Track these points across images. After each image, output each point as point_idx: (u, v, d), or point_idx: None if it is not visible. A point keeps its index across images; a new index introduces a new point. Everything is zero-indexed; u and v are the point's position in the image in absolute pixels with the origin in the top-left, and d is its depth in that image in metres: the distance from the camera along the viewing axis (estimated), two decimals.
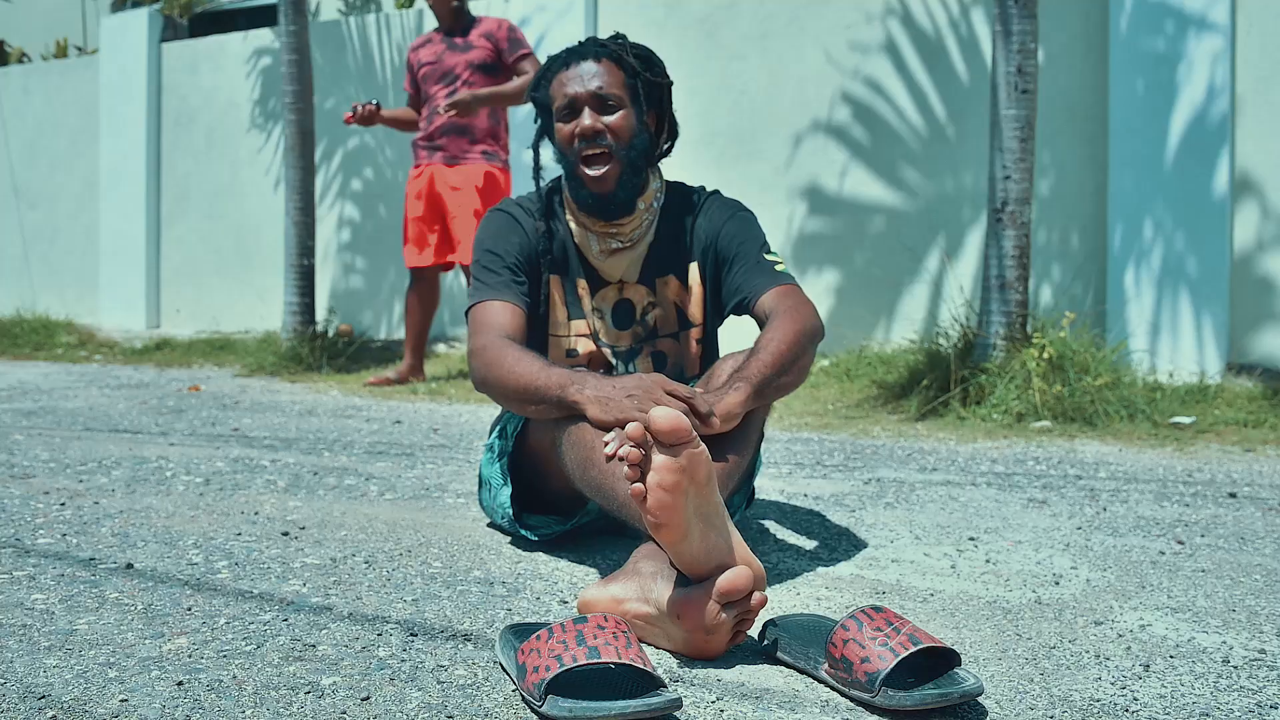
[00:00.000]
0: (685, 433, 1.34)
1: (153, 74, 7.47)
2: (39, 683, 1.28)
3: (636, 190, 2.01)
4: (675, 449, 1.35)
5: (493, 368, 1.84)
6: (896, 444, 3.40)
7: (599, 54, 1.98)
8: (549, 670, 1.17)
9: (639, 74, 2.00)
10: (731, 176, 5.32)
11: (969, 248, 4.92)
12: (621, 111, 1.98)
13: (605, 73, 1.97)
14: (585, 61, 1.98)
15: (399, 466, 2.89)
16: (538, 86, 2.05)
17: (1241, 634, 1.53)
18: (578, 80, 1.97)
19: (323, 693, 1.26)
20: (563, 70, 1.99)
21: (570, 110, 1.98)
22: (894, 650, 1.23)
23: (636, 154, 1.99)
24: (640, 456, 1.36)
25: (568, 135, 1.98)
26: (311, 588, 1.70)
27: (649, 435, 1.35)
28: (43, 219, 8.17)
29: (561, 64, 2.00)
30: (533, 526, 1.99)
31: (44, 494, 2.44)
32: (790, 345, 1.82)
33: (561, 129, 1.99)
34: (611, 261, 2.05)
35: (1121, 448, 3.31)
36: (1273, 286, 4.35)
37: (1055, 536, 2.14)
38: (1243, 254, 4.38)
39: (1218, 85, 4.28)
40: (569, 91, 1.97)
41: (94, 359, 6.47)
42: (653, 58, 2.04)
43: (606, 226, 2.02)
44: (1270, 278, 4.35)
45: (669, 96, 2.07)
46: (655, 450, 1.35)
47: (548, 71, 2.03)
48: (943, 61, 5.01)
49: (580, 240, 2.05)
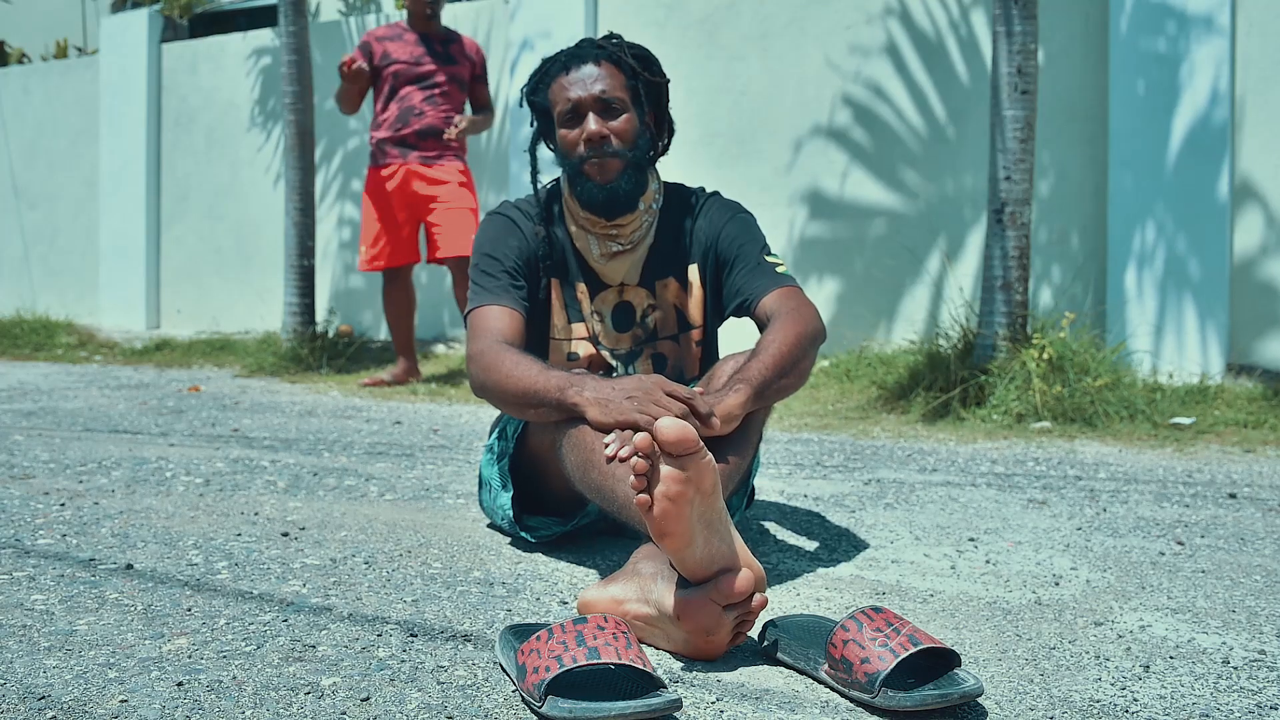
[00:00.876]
0: (692, 443, 1.34)
1: (153, 74, 7.47)
2: (39, 683, 1.28)
3: (640, 186, 2.01)
4: (682, 460, 1.34)
5: (491, 372, 1.83)
6: (896, 445, 3.40)
7: (598, 56, 1.97)
8: (549, 671, 1.17)
9: (639, 74, 2.00)
10: (731, 177, 5.32)
11: (969, 248, 4.92)
12: (625, 115, 1.97)
13: (607, 75, 1.96)
14: (586, 65, 1.97)
15: (399, 467, 2.89)
16: (535, 89, 2.04)
17: (1241, 635, 1.53)
18: (580, 84, 1.96)
19: (322, 693, 1.26)
20: (563, 74, 1.98)
21: (574, 115, 1.97)
22: (894, 651, 1.23)
23: (640, 154, 2.00)
24: (647, 467, 1.35)
25: (573, 141, 1.97)
26: (311, 588, 1.70)
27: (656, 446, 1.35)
28: (43, 219, 8.17)
29: (561, 67, 1.99)
30: (532, 528, 1.99)
31: (44, 494, 2.43)
32: (791, 347, 1.82)
33: (566, 134, 1.98)
34: (612, 265, 2.04)
35: (1121, 448, 3.31)
36: (1273, 288, 4.35)
37: (1055, 537, 2.14)
38: (1243, 255, 4.38)
39: (1218, 85, 4.28)
40: (572, 96, 1.96)
41: (94, 359, 6.47)
42: (650, 56, 2.04)
43: (607, 228, 2.02)
44: (1271, 279, 4.35)
45: (666, 95, 2.07)
46: (662, 461, 1.35)
47: (546, 74, 2.02)
48: (943, 62, 5.01)
49: (580, 244, 2.05)
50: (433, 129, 4.87)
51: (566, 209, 2.06)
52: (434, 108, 4.88)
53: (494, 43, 6.22)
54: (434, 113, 4.88)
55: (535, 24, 5.89)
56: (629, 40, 2.05)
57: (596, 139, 1.94)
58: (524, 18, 5.94)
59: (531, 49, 5.87)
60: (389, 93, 4.90)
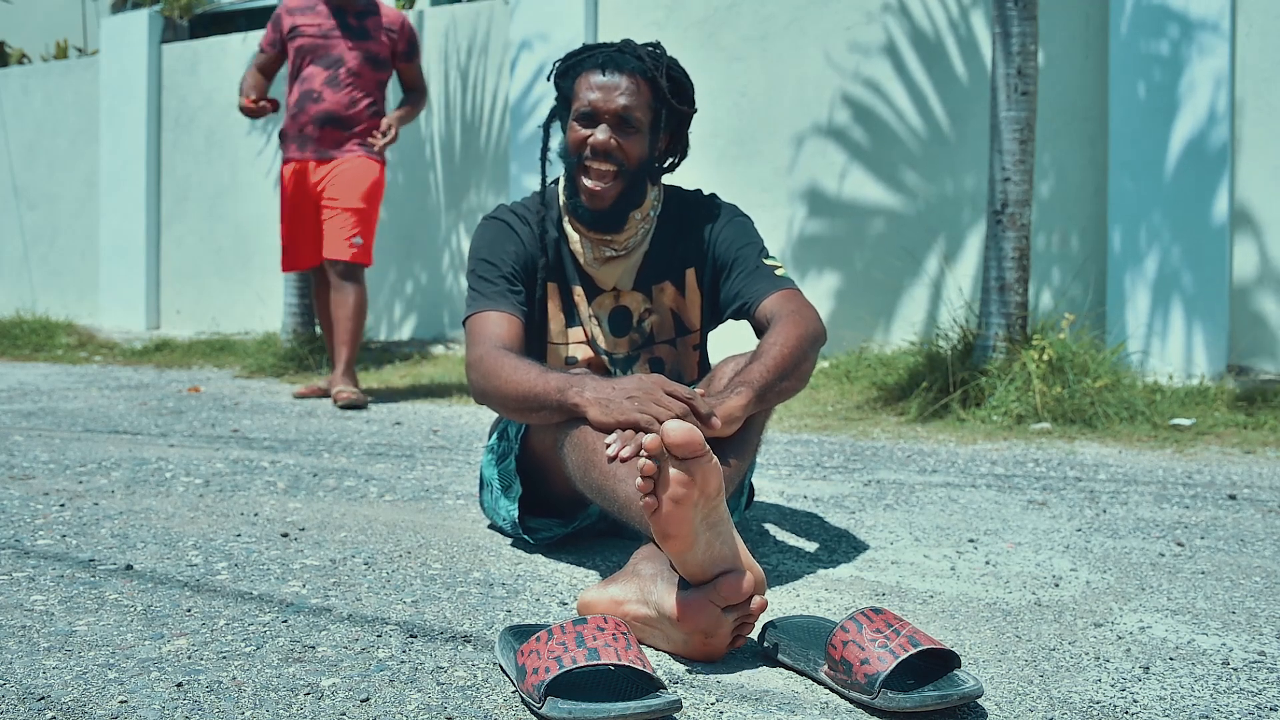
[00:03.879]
0: (699, 446, 1.33)
1: (153, 75, 7.47)
2: (38, 684, 1.28)
3: (631, 205, 1.99)
4: (688, 463, 1.34)
5: (491, 378, 1.83)
6: (896, 446, 3.40)
7: (635, 69, 1.94)
8: (549, 672, 1.17)
9: (667, 101, 1.98)
10: (731, 178, 5.32)
11: (969, 250, 4.92)
12: (638, 135, 1.95)
13: (635, 92, 1.93)
14: (620, 73, 1.93)
15: (399, 468, 2.89)
16: (565, 73, 1.99)
17: (1241, 636, 1.53)
18: (606, 91, 1.93)
19: (322, 694, 1.26)
20: (595, 72, 1.94)
21: (589, 118, 1.94)
22: (894, 652, 1.23)
23: (640, 175, 1.98)
24: (655, 470, 1.35)
25: (579, 140, 1.96)
26: (311, 589, 1.70)
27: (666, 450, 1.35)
28: (43, 220, 8.17)
29: (596, 65, 1.95)
30: (534, 530, 1.99)
31: (44, 495, 2.43)
32: (792, 350, 1.82)
33: (576, 131, 1.96)
34: (605, 270, 2.04)
35: (1121, 449, 3.31)
36: (1274, 289, 4.35)
37: (1055, 538, 2.14)
38: (1243, 257, 4.38)
39: (1218, 88, 4.28)
40: (593, 100, 1.93)
41: (94, 360, 6.47)
42: (685, 83, 2.01)
43: (600, 235, 2.02)
44: (1271, 281, 4.35)
45: (689, 123, 2.05)
46: (668, 463, 1.35)
47: (579, 63, 1.97)
48: (942, 63, 5.01)
49: (576, 247, 2.04)
50: (331, 116, 4.32)
51: (564, 211, 2.05)
52: (335, 91, 4.33)
53: (493, 43, 6.23)
54: (335, 97, 4.33)
55: (535, 24, 5.89)
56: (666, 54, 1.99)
57: (601, 149, 1.93)
58: (524, 18, 5.94)
59: (531, 49, 5.87)
60: (294, 72, 4.38)
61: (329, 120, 4.33)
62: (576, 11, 5.78)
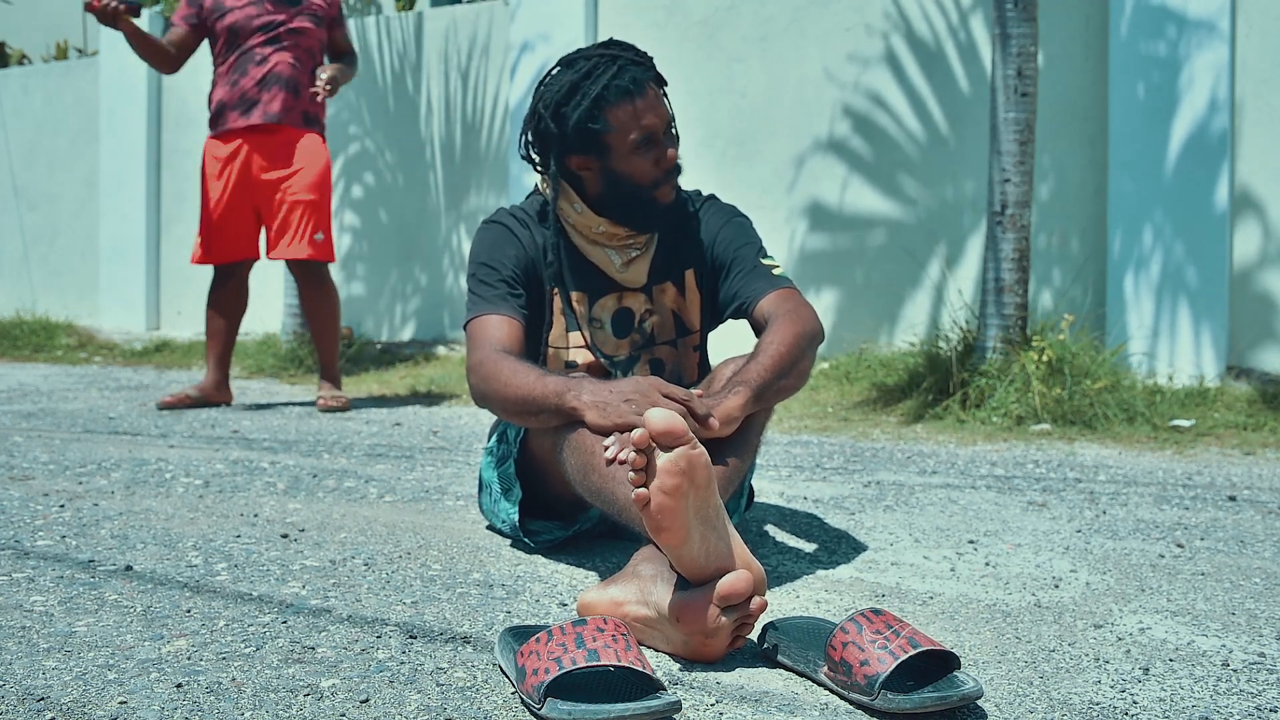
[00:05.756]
0: (681, 432, 1.35)
1: (153, 75, 7.46)
2: (38, 685, 1.28)
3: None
4: (673, 451, 1.35)
5: (490, 382, 1.83)
6: (896, 447, 3.40)
7: (650, 78, 1.96)
8: (548, 673, 1.17)
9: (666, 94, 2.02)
10: (731, 179, 5.32)
11: (969, 253, 4.92)
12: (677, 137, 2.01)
13: (659, 96, 1.97)
14: (647, 90, 1.95)
15: (398, 469, 2.89)
16: (595, 118, 1.93)
17: (1241, 637, 1.53)
18: (652, 112, 1.94)
19: (322, 695, 1.26)
20: (628, 101, 1.92)
21: (649, 143, 1.95)
22: (893, 653, 1.23)
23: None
24: (644, 461, 1.36)
25: (648, 167, 1.95)
26: (311, 590, 1.70)
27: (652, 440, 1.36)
28: (43, 220, 8.17)
29: (625, 94, 1.92)
30: (534, 532, 1.99)
31: (43, 496, 2.43)
32: (790, 349, 1.82)
33: (640, 162, 1.95)
34: (633, 269, 2.05)
35: (1121, 451, 3.31)
36: (1274, 291, 4.35)
37: (1055, 539, 2.14)
38: (1243, 258, 4.38)
39: (1218, 88, 4.28)
40: (646, 124, 1.93)
41: (94, 361, 6.47)
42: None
43: (626, 239, 2.02)
44: (1271, 282, 4.35)
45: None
46: (657, 454, 1.36)
47: (602, 100, 1.92)
48: (942, 66, 5.02)
49: (593, 256, 2.03)
50: (280, 77, 4.09)
51: (569, 223, 2.04)
52: (279, 50, 4.11)
53: (494, 45, 6.23)
54: (280, 56, 4.11)
55: (535, 26, 5.89)
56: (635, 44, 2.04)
57: (674, 165, 1.97)
58: (524, 19, 5.94)
59: (532, 50, 5.87)
60: (225, 49, 4.15)
61: (275, 79, 4.10)
62: (577, 13, 5.78)
